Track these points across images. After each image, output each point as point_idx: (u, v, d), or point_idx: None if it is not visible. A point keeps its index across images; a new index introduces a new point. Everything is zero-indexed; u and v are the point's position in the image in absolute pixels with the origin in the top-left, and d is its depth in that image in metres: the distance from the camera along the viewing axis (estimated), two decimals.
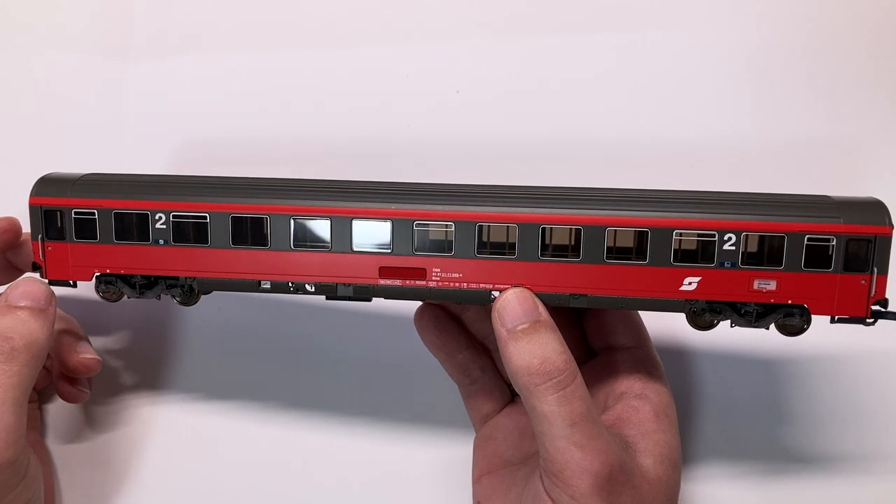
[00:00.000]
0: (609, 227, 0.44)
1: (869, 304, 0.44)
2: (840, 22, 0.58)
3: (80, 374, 0.56)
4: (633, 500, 0.43)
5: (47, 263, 0.50)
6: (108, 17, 0.64)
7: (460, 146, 0.61)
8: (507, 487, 0.50)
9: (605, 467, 0.42)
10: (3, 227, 0.53)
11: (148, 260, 0.49)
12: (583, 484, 0.42)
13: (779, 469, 0.56)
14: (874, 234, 0.43)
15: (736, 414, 0.57)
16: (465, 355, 0.54)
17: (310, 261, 0.47)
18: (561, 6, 0.60)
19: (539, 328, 0.44)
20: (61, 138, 0.64)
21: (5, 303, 0.47)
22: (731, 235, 0.43)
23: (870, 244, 0.43)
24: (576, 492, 0.42)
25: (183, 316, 0.62)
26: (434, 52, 0.62)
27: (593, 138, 0.60)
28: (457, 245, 0.45)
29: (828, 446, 0.56)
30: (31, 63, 0.64)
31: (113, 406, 0.62)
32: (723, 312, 0.46)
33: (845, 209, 0.43)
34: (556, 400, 0.42)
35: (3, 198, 0.53)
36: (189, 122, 0.63)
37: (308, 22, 0.63)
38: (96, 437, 0.61)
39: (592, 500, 0.42)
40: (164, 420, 0.61)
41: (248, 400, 0.61)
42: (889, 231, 0.43)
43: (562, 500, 0.43)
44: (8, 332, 0.45)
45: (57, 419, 0.61)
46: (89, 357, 0.55)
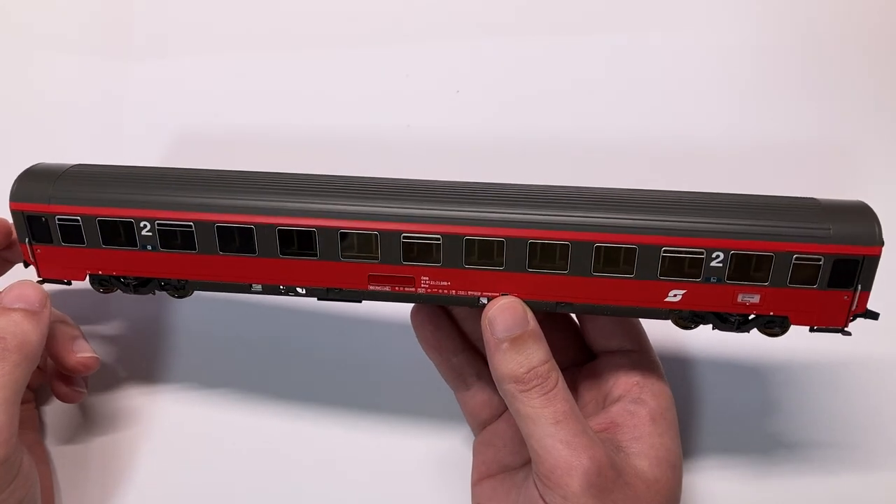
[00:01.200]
0: (597, 243, 0.44)
1: (849, 317, 0.44)
2: (838, 23, 0.58)
3: (78, 374, 0.56)
4: (628, 499, 0.44)
5: (38, 264, 0.50)
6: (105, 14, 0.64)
7: (460, 146, 0.61)
8: (507, 491, 0.50)
9: (593, 463, 0.43)
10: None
11: (138, 264, 0.49)
12: (573, 483, 0.42)
13: (772, 462, 0.57)
14: (862, 255, 0.42)
15: (731, 410, 0.58)
16: (460, 359, 0.54)
17: (298, 267, 0.47)
18: (561, 6, 0.60)
19: (527, 338, 0.45)
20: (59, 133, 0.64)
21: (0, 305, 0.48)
22: (719, 253, 0.43)
23: (857, 264, 0.43)
24: (567, 492, 0.43)
25: (178, 308, 0.62)
26: (434, 52, 0.62)
27: (593, 138, 0.60)
28: (444, 256, 0.46)
29: (818, 440, 0.57)
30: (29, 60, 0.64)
31: (111, 403, 0.62)
32: (706, 318, 0.46)
33: (834, 221, 0.43)
34: (539, 402, 0.44)
35: (3, 197, 0.53)
36: (186, 120, 0.63)
37: (308, 22, 0.63)
38: (95, 436, 0.61)
39: (585, 500, 0.42)
40: (164, 415, 0.61)
41: (246, 395, 0.61)
42: (877, 251, 0.42)
43: (555, 502, 0.43)
44: (0, 332, 0.46)
45: (55, 419, 0.61)
46: (87, 356, 0.55)
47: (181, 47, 0.63)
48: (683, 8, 0.59)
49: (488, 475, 0.53)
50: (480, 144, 0.61)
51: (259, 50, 0.63)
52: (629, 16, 0.60)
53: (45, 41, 0.64)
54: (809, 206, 0.44)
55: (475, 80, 0.62)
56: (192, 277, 0.49)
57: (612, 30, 0.60)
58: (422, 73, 0.62)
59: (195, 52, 0.63)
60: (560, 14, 0.60)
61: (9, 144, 0.64)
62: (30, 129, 0.64)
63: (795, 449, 0.57)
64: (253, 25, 0.63)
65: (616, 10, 0.60)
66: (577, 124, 0.60)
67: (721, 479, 0.57)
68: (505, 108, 0.61)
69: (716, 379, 0.59)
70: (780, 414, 0.58)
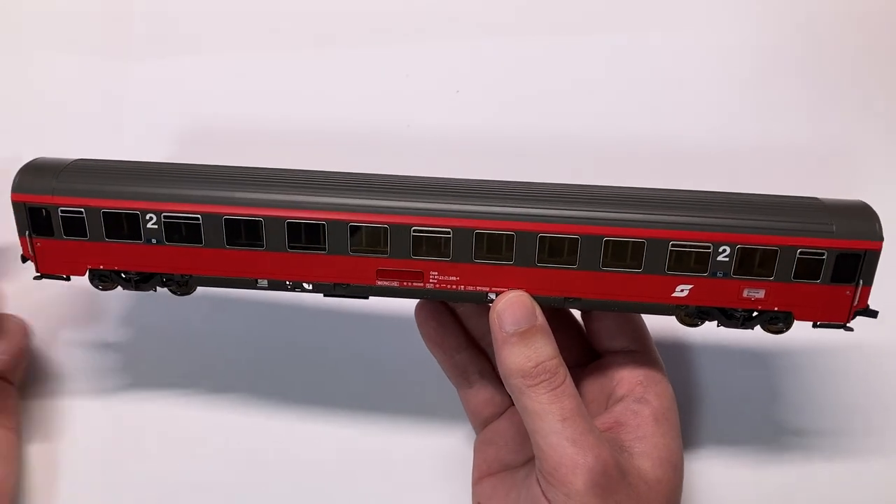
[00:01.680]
0: (606, 237, 0.45)
1: (851, 312, 0.45)
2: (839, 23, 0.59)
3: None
4: (630, 499, 0.44)
5: (37, 258, 0.49)
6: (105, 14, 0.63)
7: (460, 146, 0.61)
8: (508, 489, 0.50)
9: (599, 463, 0.43)
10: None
11: (141, 258, 0.48)
12: (577, 481, 0.42)
13: (773, 451, 0.58)
14: (864, 250, 0.44)
15: (733, 403, 0.59)
16: (463, 356, 0.54)
17: (306, 262, 0.47)
18: (561, 6, 0.61)
19: (535, 332, 0.45)
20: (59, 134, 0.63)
21: None
22: (725, 248, 0.44)
23: (859, 258, 0.44)
24: (571, 490, 0.43)
25: (176, 307, 0.61)
26: (434, 52, 0.62)
27: (592, 138, 0.60)
28: (454, 250, 0.46)
29: (819, 430, 0.58)
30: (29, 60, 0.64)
31: (112, 401, 0.62)
32: (711, 315, 0.47)
33: (836, 218, 0.44)
34: (547, 398, 0.44)
35: (3, 197, 0.53)
36: (186, 120, 0.62)
37: (308, 22, 0.63)
38: (95, 435, 0.61)
39: (588, 499, 0.42)
40: (162, 415, 0.61)
41: (246, 393, 0.61)
42: (878, 246, 0.44)
43: (558, 499, 0.43)
44: None
45: (55, 417, 0.61)
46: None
47: (181, 47, 0.63)
48: (684, 8, 0.60)
49: (489, 473, 0.53)
50: (480, 144, 0.61)
51: (259, 50, 0.63)
52: (629, 16, 0.60)
53: (45, 41, 0.64)
54: (812, 204, 0.45)
55: (475, 80, 0.62)
56: (197, 272, 0.49)
57: (612, 30, 0.60)
58: (422, 73, 0.62)
59: (195, 52, 0.63)
60: (560, 14, 0.61)
61: (8, 144, 0.62)
62: (30, 129, 0.64)
63: (796, 438, 0.58)
64: (253, 25, 0.63)
65: (616, 10, 0.60)
66: (577, 124, 0.61)
67: (723, 467, 0.58)
68: (505, 108, 0.62)
69: (717, 370, 0.59)
70: (781, 404, 0.58)
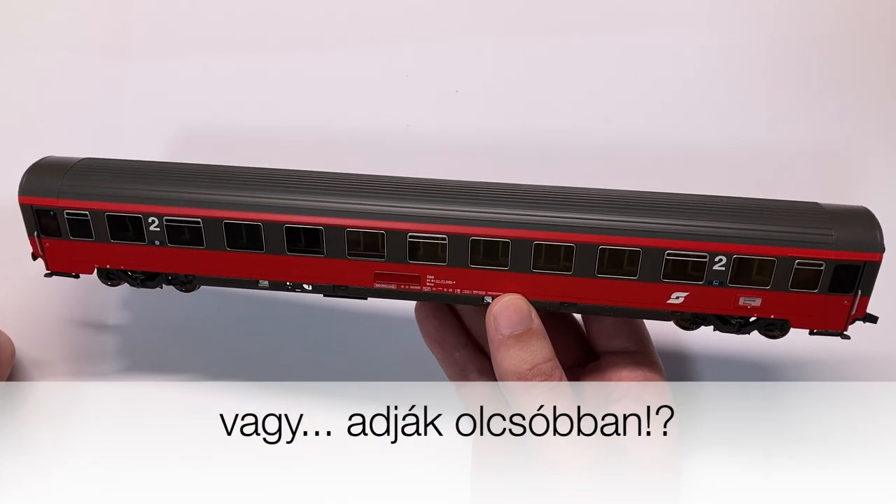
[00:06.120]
0: (601, 245, 0.45)
1: (849, 321, 0.45)
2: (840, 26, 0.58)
3: None
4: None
5: (47, 257, 0.50)
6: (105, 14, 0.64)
7: (460, 146, 0.61)
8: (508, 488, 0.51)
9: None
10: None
11: (145, 258, 0.49)
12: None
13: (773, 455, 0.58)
14: (864, 261, 0.43)
15: (732, 404, 0.59)
16: (462, 354, 0.54)
17: (305, 265, 0.48)
18: (561, 7, 0.61)
19: (531, 335, 0.45)
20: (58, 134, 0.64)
21: None
22: (721, 257, 0.44)
23: (858, 270, 0.43)
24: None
25: (179, 301, 0.61)
26: (434, 52, 0.62)
27: (592, 139, 0.60)
28: (450, 256, 0.46)
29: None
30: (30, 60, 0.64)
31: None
32: (708, 320, 0.47)
33: (836, 226, 0.43)
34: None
35: (3, 197, 0.53)
36: (186, 121, 0.63)
37: (308, 22, 0.62)
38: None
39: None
40: (160, 406, 0.62)
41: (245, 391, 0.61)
42: (878, 258, 0.43)
43: None
44: None
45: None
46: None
47: (181, 47, 0.63)
48: (684, 10, 0.60)
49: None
50: (480, 144, 0.61)
51: (258, 50, 0.63)
52: (630, 16, 0.60)
53: (45, 41, 0.64)
54: (812, 211, 0.44)
55: (475, 80, 0.62)
56: (199, 273, 0.49)
57: (613, 30, 0.60)
58: (422, 73, 0.62)
59: (195, 52, 0.63)
60: (560, 14, 0.61)
61: (9, 144, 0.64)
62: (30, 129, 0.64)
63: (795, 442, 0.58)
64: (253, 25, 0.63)
65: (617, 10, 0.60)
66: (577, 125, 0.61)
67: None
68: (505, 108, 0.61)
69: (716, 372, 0.59)
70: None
